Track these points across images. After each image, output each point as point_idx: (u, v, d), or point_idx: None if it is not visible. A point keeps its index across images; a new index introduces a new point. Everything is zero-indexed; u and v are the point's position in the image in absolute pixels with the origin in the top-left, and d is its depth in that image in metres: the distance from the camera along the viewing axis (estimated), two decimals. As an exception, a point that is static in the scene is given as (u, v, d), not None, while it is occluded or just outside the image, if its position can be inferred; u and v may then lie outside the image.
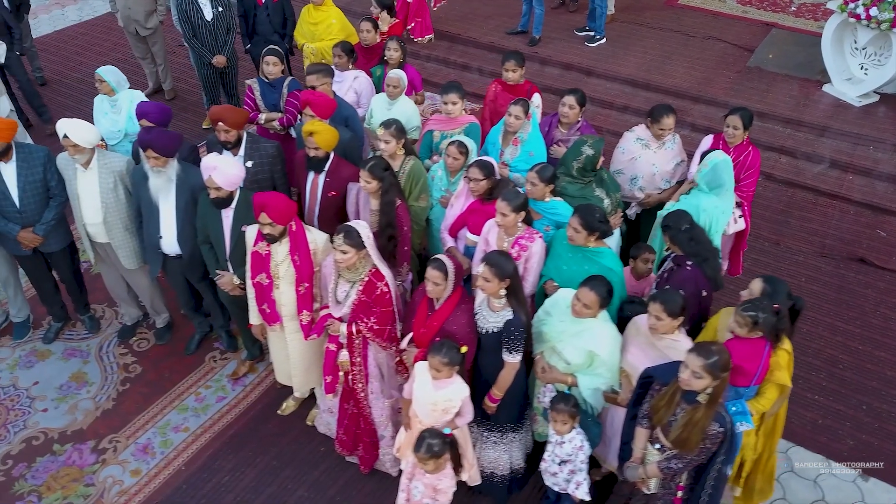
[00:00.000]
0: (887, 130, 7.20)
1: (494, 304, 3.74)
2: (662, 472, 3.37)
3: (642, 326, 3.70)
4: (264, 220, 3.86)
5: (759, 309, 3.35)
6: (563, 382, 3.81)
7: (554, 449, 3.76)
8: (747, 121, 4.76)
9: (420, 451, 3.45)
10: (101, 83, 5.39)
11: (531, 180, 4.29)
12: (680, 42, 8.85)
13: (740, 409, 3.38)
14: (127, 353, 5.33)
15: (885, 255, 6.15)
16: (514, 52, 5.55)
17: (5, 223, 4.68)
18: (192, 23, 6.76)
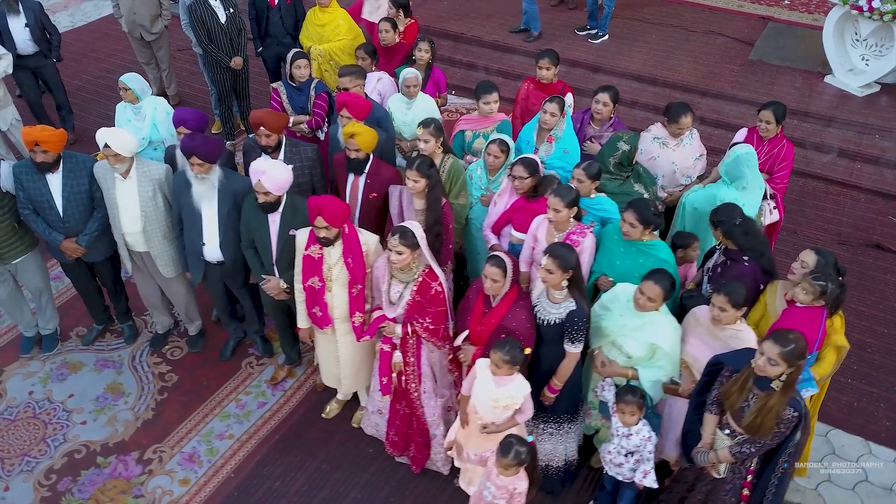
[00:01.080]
0: (892, 119, 7.38)
1: (555, 295, 3.77)
2: (734, 457, 3.43)
3: (702, 318, 3.76)
4: (320, 224, 3.85)
5: (828, 279, 3.44)
6: (624, 376, 3.86)
7: (620, 441, 3.80)
8: (780, 115, 4.85)
9: (508, 458, 3.46)
10: (126, 91, 5.32)
11: (578, 177, 4.33)
12: (681, 37, 8.97)
13: (805, 376, 3.46)
14: (161, 362, 5.28)
15: (898, 240, 6.31)
16: (549, 50, 5.59)
17: (49, 231, 4.62)
18: (207, 27, 6.70)
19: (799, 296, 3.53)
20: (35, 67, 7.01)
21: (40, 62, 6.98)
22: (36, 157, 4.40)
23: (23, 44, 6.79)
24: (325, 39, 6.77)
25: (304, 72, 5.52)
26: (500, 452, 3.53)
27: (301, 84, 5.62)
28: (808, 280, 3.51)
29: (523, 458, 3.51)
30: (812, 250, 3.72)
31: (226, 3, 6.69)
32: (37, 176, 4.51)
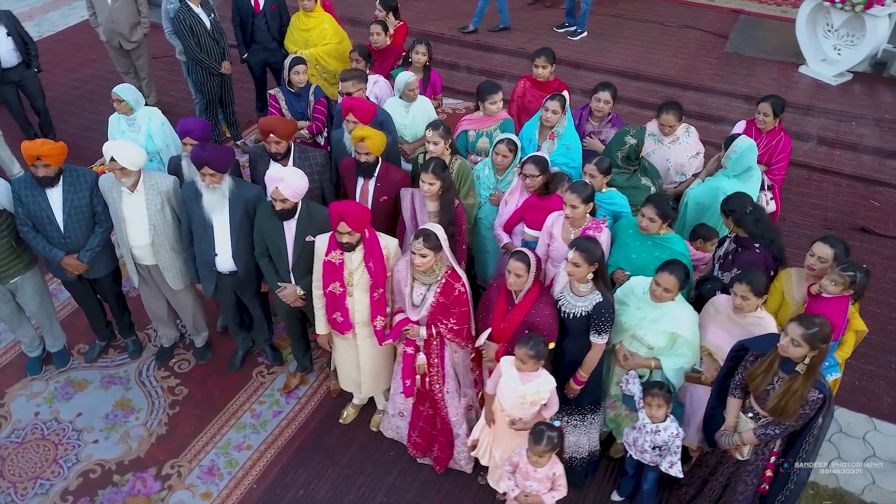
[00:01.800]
0: (865, 106, 7.63)
1: (580, 288, 3.83)
2: (758, 439, 3.53)
3: (721, 307, 3.85)
4: (343, 229, 3.84)
5: (856, 269, 3.56)
6: (647, 367, 3.93)
7: (648, 437, 3.86)
8: (778, 108, 4.99)
9: (542, 445, 3.52)
10: (119, 103, 5.22)
11: (590, 172, 4.40)
12: (658, 32, 9.14)
13: (831, 362, 3.58)
14: (169, 376, 5.20)
15: (883, 223, 6.54)
16: (545, 48, 5.65)
17: (50, 248, 4.52)
18: (196, 35, 6.61)
19: (828, 288, 3.64)
20: (18, 81, 6.84)
21: (23, 74, 6.83)
22: (37, 171, 4.30)
23: (7, 55, 6.62)
24: (312, 44, 6.73)
25: (302, 77, 5.50)
26: (532, 441, 3.58)
27: (300, 90, 5.59)
28: (837, 272, 3.62)
29: (556, 442, 3.58)
30: (823, 242, 3.82)
31: (207, 8, 6.61)
32: (36, 191, 4.41)
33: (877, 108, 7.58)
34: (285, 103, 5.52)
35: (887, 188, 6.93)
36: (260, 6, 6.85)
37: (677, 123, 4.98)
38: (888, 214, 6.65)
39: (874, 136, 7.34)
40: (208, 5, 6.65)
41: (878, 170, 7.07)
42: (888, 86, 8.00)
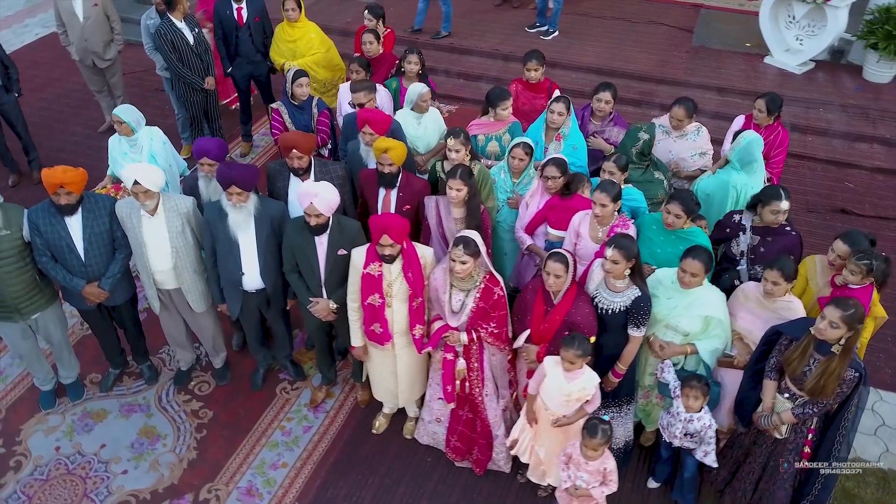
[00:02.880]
0: (831, 93, 8.01)
1: (616, 284, 3.95)
2: (797, 418, 3.71)
3: (750, 293, 4.03)
4: (385, 242, 3.88)
5: (871, 257, 3.76)
6: (683, 353, 4.08)
7: (681, 424, 4.00)
8: (772, 105, 5.20)
9: (597, 438, 3.63)
10: (121, 124, 5.13)
11: (609, 170, 4.54)
12: (626, 28, 9.39)
13: None
14: (190, 399, 5.12)
15: (860, 203, 6.89)
16: (535, 51, 5.76)
17: (70, 278, 4.40)
18: (178, 50, 6.49)
19: (849, 278, 3.85)
20: (-1, 106, 6.61)
21: (2, 98, 6.57)
22: (59, 199, 4.20)
23: (-14, 79, 6.39)
24: (299, 55, 6.71)
25: (305, 90, 5.47)
26: (587, 435, 3.69)
27: (302, 102, 5.56)
28: (854, 262, 3.82)
29: (609, 434, 3.69)
30: (840, 239, 4.02)
31: (190, 23, 6.50)
32: (55, 219, 4.30)
33: (841, 95, 7.97)
34: (289, 117, 5.49)
35: (859, 170, 7.31)
36: (244, 19, 6.77)
37: (686, 119, 5.15)
38: (863, 195, 7.01)
39: (841, 121, 7.72)
40: (192, 20, 6.54)
41: (848, 153, 7.44)
42: (847, 72, 8.41)
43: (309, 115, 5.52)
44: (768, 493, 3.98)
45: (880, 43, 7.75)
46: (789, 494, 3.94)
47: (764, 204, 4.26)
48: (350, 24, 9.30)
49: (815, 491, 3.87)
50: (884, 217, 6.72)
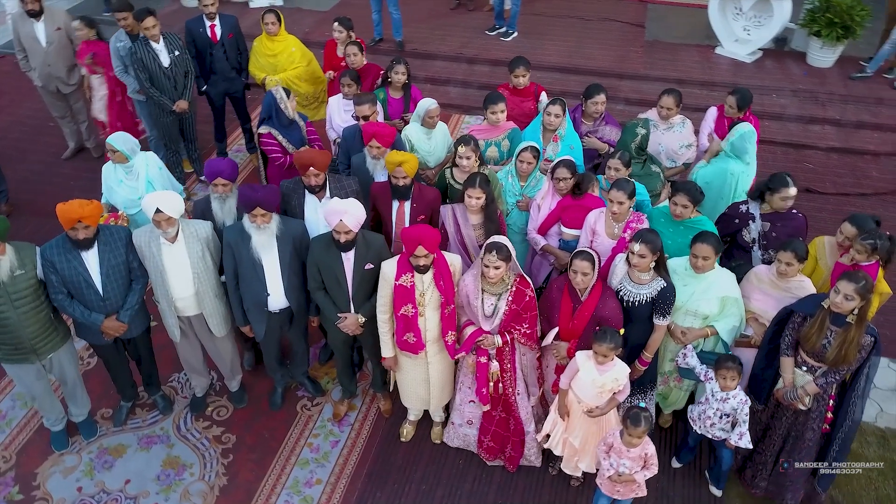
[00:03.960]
0: (781, 79, 8.48)
1: (641, 276, 4.13)
2: (820, 388, 3.98)
3: (763, 275, 4.29)
4: (420, 253, 3.95)
5: (876, 237, 4.06)
6: (704, 336, 4.31)
7: (716, 405, 4.22)
8: (741, 102, 5.49)
9: (640, 427, 3.80)
10: (114, 153, 5.02)
11: (614, 167, 4.73)
12: (581, 26, 9.68)
13: None
14: (210, 425, 5.06)
15: (821, 182, 7.34)
16: (521, 57, 5.90)
17: (88, 314, 4.30)
18: (148, 70, 6.35)
19: (857, 258, 4.13)
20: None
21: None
22: (77, 234, 4.10)
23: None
24: (280, 69, 6.69)
25: (293, 104, 5.44)
26: (630, 425, 3.85)
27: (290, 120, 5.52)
28: (859, 242, 4.10)
29: (651, 421, 3.88)
30: (848, 222, 4.30)
31: (170, 45, 6.37)
32: (71, 255, 4.20)
33: (791, 81, 8.45)
34: (282, 137, 5.45)
35: (815, 150, 7.77)
36: (217, 36, 6.69)
37: (675, 109, 5.41)
38: (822, 174, 7.47)
39: (794, 105, 8.18)
40: (175, 43, 6.39)
41: (803, 135, 7.90)
42: (793, 59, 8.92)
43: (299, 130, 5.51)
44: (794, 461, 4.24)
45: (823, 30, 8.25)
46: (813, 458, 4.23)
47: (773, 191, 4.52)
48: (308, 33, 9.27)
49: (834, 448, 4.15)
50: (844, 193, 7.19)
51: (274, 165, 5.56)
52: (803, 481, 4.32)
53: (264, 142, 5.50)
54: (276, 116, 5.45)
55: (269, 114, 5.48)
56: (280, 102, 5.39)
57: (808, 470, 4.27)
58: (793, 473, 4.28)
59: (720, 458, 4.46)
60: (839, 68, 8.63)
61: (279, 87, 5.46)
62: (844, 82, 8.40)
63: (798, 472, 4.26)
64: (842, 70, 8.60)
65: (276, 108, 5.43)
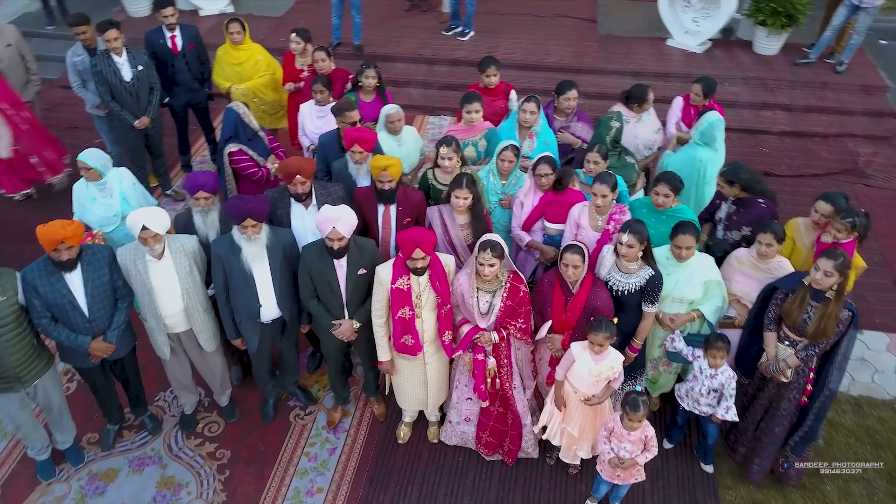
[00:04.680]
0: (731, 68, 8.78)
1: (629, 266, 4.25)
2: (801, 360, 4.17)
3: (743, 258, 4.46)
4: (418, 255, 3.98)
5: (854, 214, 4.26)
6: (691, 320, 4.46)
7: (706, 382, 4.37)
8: (707, 90, 5.71)
9: (640, 412, 3.91)
10: (88, 170, 4.90)
11: (594, 160, 4.85)
12: (536, 24, 9.81)
13: None
14: (203, 442, 4.99)
15: (777, 165, 7.64)
16: (491, 57, 5.97)
17: (74, 337, 4.19)
18: (109, 84, 6.18)
19: (837, 236, 4.32)
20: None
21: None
22: (61, 256, 3.99)
23: None
24: (246, 77, 6.61)
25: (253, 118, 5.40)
26: (630, 410, 3.96)
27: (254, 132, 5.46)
28: (839, 221, 4.29)
29: (648, 405, 4.00)
30: (823, 200, 4.49)
31: (134, 59, 6.21)
32: (54, 278, 4.09)
33: (740, 69, 8.74)
34: (251, 151, 5.39)
35: (768, 135, 8.08)
36: (178, 47, 6.56)
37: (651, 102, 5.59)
38: (778, 158, 7.77)
39: (745, 92, 8.48)
40: (140, 58, 6.23)
41: (757, 121, 8.20)
42: (740, 48, 9.23)
43: (262, 142, 5.46)
44: (768, 430, 4.44)
45: (768, 19, 8.58)
46: (785, 430, 4.44)
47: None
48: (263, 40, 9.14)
49: (808, 422, 4.36)
50: (799, 175, 7.49)
51: (249, 181, 5.50)
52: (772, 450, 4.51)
53: (236, 159, 5.42)
54: (242, 131, 5.39)
55: (234, 131, 5.41)
56: (244, 117, 5.32)
57: (780, 441, 4.46)
58: (765, 442, 4.47)
59: (706, 433, 4.62)
60: (784, 55, 8.97)
61: (239, 103, 5.39)
62: (790, 68, 8.75)
63: (770, 440, 4.45)
64: (787, 57, 8.94)
65: (241, 124, 5.36)
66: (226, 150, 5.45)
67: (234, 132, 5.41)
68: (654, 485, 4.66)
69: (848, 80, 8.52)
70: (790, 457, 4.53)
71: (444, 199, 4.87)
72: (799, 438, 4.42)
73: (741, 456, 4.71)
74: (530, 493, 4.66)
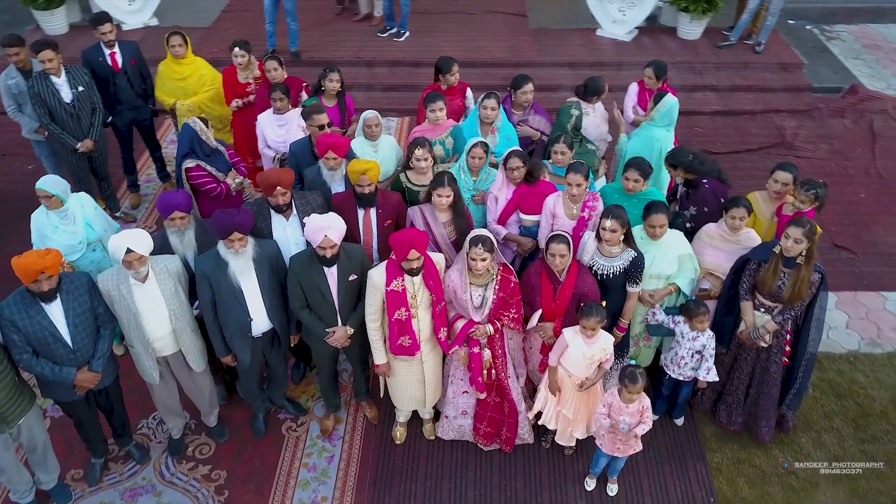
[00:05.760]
0: (659, 54, 9.16)
1: (612, 250, 4.43)
2: (779, 325, 4.46)
3: (713, 232, 4.71)
4: (413, 256, 4.03)
5: (816, 186, 4.56)
6: (669, 294, 4.69)
7: (688, 344, 4.60)
8: (658, 72, 6.01)
9: (638, 384, 4.09)
10: (49, 198, 4.70)
11: (561, 151, 5.03)
12: (468, 21, 9.96)
13: None
14: (196, 465, 4.88)
15: (713, 144, 8.05)
16: (450, 57, 6.06)
17: (59, 369, 4.04)
18: (48, 106, 5.92)
19: (799, 206, 4.61)
20: None
21: None
22: (41, 286, 3.84)
23: None
24: (191, 92, 6.47)
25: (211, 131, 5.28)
26: (629, 383, 4.14)
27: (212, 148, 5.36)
28: (802, 193, 4.57)
29: (646, 377, 4.19)
30: (781, 170, 4.76)
31: (73, 80, 5.96)
32: (32, 310, 3.93)
33: (668, 54, 9.14)
34: (210, 166, 5.28)
35: (701, 116, 8.50)
36: (119, 64, 6.34)
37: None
38: (712, 137, 8.19)
39: (675, 76, 8.85)
40: (80, 78, 5.97)
41: (689, 103, 8.55)
42: (665, 34, 9.66)
43: (222, 156, 5.37)
44: (764, 393, 4.73)
45: (690, 6, 9.01)
46: (779, 389, 4.73)
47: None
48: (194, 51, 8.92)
49: (798, 378, 4.67)
50: (734, 151, 7.93)
51: (208, 197, 5.39)
52: (773, 410, 4.82)
53: (194, 175, 5.28)
54: (200, 147, 5.28)
55: (190, 147, 5.30)
56: (201, 134, 5.22)
57: (776, 399, 4.76)
58: (763, 405, 4.77)
59: (679, 392, 4.90)
60: (707, 39, 9.45)
61: (196, 119, 5.28)
62: (714, 51, 9.22)
63: (767, 402, 4.75)
64: (709, 40, 9.42)
65: (198, 140, 5.26)
66: (183, 165, 5.32)
67: (190, 148, 5.30)
68: (645, 455, 4.86)
69: (767, 60, 9.06)
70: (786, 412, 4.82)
71: (421, 199, 4.94)
72: (793, 394, 4.72)
73: (739, 425, 4.96)
74: (531, 477, 4.79)
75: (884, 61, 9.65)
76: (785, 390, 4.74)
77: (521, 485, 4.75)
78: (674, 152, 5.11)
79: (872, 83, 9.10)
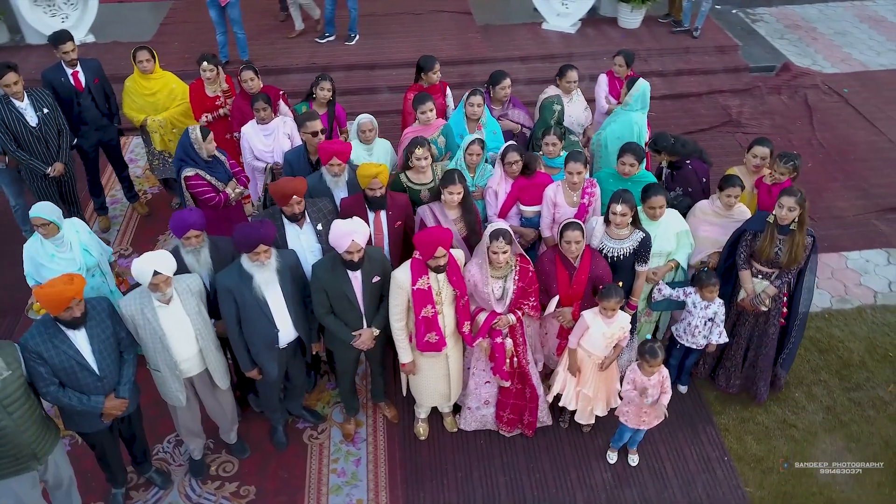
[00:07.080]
0: (605, 44, 9.52)
1: (620, 232, 4.64)
2: (777, 288, 4.78)
3: (707, 208, 5.00)
4: (440, 254, 4.12)
5: (793, 158, 4.90)
6: (670, 270, 4.95)
7: (700, 313, 4.85)
8: (627, 59, 6.30)
9: (658, 357, 4.32)
10: (46, 226, 4.54)
11: (552, 143, 5.23)
12: (416, 21, 10.05)
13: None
14: (222, 484, 4.82)
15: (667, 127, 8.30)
16: (431, 56, 6.14)
17: (87, 399, 3.93)
18: (13, 132, 5.67)
19: (779, 178, 4.94)
20: None
21: None
22: (74, 312, 3.75)
23: None
24: (161, 108, 6.33)
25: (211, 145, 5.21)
26: (650, 356, 4.36)
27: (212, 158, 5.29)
28: (782, 165, 4.91)
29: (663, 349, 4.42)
30: (759, 145, 5.09)
31: (37, 103, 5.72)
32: (57, 339, 3.82)
33: (614, 44, 9.48)
34: (210, 175, 5.21)
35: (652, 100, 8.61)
36: (82, 84, 6.13)
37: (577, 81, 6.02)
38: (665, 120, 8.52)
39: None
40: (44, 100, 5.73)
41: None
42: (607, 24, 10.03)
43: (223, 165, 5.31)
44: (761, 354, 5.05)
45: (629, -4, 9.42)
46: (775, 349, 5.07)
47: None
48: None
49: (792, 336, 5.02)
50: (688, 132, 8.32)
51: (207, 207, 5.30)
52: (769, 370, 5.16)
53: (193, 184, 5.21)
54: (196, 154, 5.21)
55: (186, 154, 5.22)
56: (195, 143, 5.14)
57: (772, 359, 5.10)
58: (761, 366, 5.10)
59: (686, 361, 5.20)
60: (646, 27, 9.87)
61: (195, 128, 5.19)
62: (656, 38, 9.65)
63: (765, 363, 5.08)
64: (649, 29, 9.85)
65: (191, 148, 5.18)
66: (182, 174, 5.24)
67: (185, 155, 5.21)
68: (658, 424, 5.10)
69: (705, 44, 9.56)
70: (779, 371, 5.17)
71: (422, 198, 5.03)
72: (787, 354, 5.06)
73: (737, 387, 5.28)
74: (556, 457, 4.96)
75: (806, 39, 10.33)
76: (779, 351, 5.09)
77: (547, 465, 4.92)
78: (656, 138, 5.38)
79: (800, 60, 9.73)
